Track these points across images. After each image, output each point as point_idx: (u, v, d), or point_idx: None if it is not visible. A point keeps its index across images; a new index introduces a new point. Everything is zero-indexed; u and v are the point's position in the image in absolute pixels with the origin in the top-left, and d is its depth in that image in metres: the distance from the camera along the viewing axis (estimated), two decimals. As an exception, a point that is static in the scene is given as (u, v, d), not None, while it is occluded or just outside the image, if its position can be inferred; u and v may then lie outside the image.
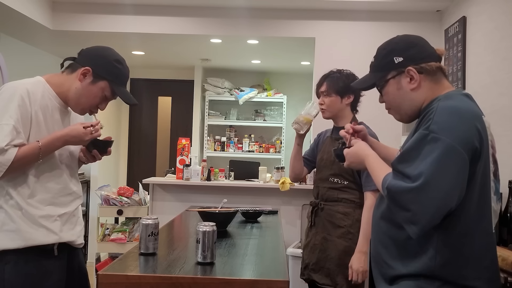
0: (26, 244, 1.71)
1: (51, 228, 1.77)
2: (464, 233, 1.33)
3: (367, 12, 4.35)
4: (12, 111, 1.68)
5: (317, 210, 2.45)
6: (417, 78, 1.44)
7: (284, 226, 2.65)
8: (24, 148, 1.69)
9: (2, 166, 1.65)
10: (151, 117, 6.78)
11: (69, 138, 1.78)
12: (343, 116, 2.47)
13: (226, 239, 2.13)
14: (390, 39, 1.54)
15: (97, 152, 1.91)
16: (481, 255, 1.35)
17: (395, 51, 1.47)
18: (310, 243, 2.45)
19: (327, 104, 2.46)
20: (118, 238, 4.20)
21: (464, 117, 1.31)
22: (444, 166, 1.25)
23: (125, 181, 6.58)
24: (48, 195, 1.79)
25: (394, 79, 1.47)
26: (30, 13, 4.01)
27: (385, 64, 1.49)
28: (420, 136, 1.31)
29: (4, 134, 1.66)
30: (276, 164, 5.19)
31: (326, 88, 2.45)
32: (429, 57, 1.45)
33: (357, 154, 1.56)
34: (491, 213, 1.37)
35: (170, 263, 1.67)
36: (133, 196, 4.37)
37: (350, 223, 2.33)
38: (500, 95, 3.06)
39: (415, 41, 1.49)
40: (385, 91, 1.51)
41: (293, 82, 6.55)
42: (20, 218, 1.72)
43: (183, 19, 4.45)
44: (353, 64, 3.28)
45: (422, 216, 1.25)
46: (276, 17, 4.43)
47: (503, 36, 3.10)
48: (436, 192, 1.24)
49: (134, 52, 5.56)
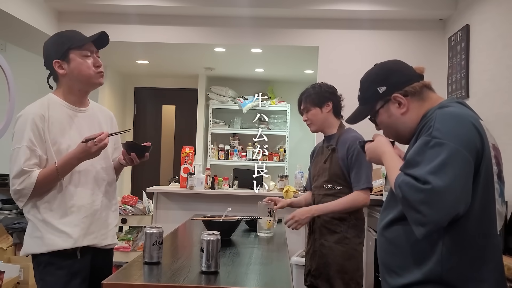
0: (48, 249, 1.86)
1: (70, 234, 1.88)
2: (469, 236, 1.32)
3: (370, 21, 4.37)
4: (26, 134, 1.85)
5: (314, 218, 2.48)
6: (405, 102, 1.46)
7: (288, 235, 2.65)
8: (43, 171, 1.85)
9: (27, 189, 1.83)
10: (155, 125, 6.79)
11: (80, 155, 1.87)
12: (329, 124, 2.54)
13: (230, 248, 2.13)
14: (369, 71, 1.57)
15: (135, 156, 2.01)
16: (487, 258, 1.35)
17: (377, 82, 1.50)
18: (311, 249, 2.51)
19: (310, 118, 2.53)
20: (122, 247, 4.20)
21: (463, 121, 1.32)
22: (452, 169, 1.25)
23: (129, 189, 6.59)
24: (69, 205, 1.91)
25: (383, 108, 1.50)
26: (36, 22, 4.06)
27: (370, 96, 1.51)
28: (423, 142, 1.31)
29: (19, 157, 1.83)
30: (280, 172, 5.19)
31: (304, 105, 2.55)
32: (411, 79, 1.48)
33: (376, 151, 1.56)
34: (495, 215, 1.36)
35: (174, 272, 1.67)
36: (137, 204, 4.37)
37: (346, 228, 2.40)
38: (504, 103, 3.05)
39: (393, 67, 1.52)
40: (378, 121, 1.54)
41: (296, 90, 6.48)
42: (43, 226, 1.87)
43: (187, 28, 4.48)
44: (356, 72, 3.28)
45: (432, 218, 1.25)
46: (279, 26, 4.45)
47: (506, 44, 3.10)
48: (447, 195, 1.24)
49: (138, 61, 5.59)
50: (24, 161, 1.82)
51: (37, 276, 1.91)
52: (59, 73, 1.95)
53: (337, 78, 3.52)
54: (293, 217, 2.37)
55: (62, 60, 1.94)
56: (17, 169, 1.82)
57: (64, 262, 1.88)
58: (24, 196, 1.85)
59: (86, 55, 1.95)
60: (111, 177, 2.11)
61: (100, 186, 2.02)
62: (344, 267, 2.35)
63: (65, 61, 1.93)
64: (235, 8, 4.23)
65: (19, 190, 1.83)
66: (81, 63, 1.94)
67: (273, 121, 6.30)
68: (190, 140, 6.21)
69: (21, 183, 1.82)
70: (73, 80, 1.95)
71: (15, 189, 1.83)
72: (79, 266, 1.92)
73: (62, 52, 1.93)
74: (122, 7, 4.27)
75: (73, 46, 1.93)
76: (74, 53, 1.93)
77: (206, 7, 4.23)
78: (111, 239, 2.06)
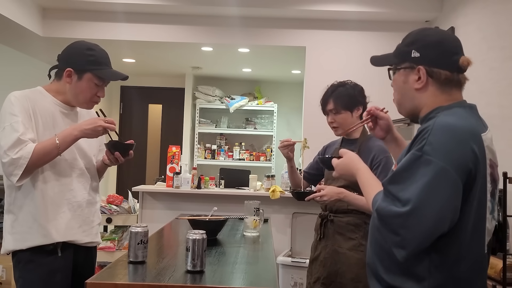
0: (28, 245, 1.83)
1: (49, 229, 1.86)
2: (457, 257, 1.29)
3: (357, 22, 4.39)
4: (16, 111, 1.81)
5: (326, 222, 2.36)
6: (424, 79, 1.38)
7: (274, 235, 2.64)
8: (41, 142, 1.81)
9: (23, 159, 1.74)
10: (142, 124, 6.75)
11: (84, 125, 1.85)
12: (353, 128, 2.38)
13: (216, 247, 2.12)
14: (426, 28, 1.46)
15: (119, 155, 1.98)
16: (473, 279, 1.32)
17: (417, 44, 1.40)
18: (320, 256, 2.36)
19: (339, 122, 2.35)
20: (107, 246, 4.16)
21: (459, 138, 1.26)
22: (435, 190, 1.21)
23: (114, 189, 6.54)
24: (49, 200, 1.89)
25: (405, 70, 1.42)
26: (20, 19, 4.00)
27: (404, 52, 1.43)
28: (413, 157, 1.26)
29: (15, 129, 1.77)
30: (267, 172, 5.19)
31: (334, 106, 2.34)
32: (447, 64, 1.37)
33: (348, 167, 1.55)
34: (485, 235, 1.33)
35: (159, 272, 1.65)
36: (122, 204, 4.33)
37: (362, 234, 2.24)
38: (488, 104, 3.09)
39: (444, 42, 1.40)
40: (394, 78, 1.47)
41: (283, 90, 6.58)
42: (23, 222, 1.85)
43: (174, 27, 4.46)
44: (343, 73, 3.31)
45: (411, 241, 1.23)
46: (267, 26, 4.45)
47: (490, 46, 3.14)
48: (426, 218, 1.21)
49: (125, 60, 5.55)
50: (22, 133, 1.77)
51: (16, 274, 1.88)
52: (65, 79, 1.93)
53: (324, 78, 3.52)
54: (323, 191, 2.16)
55: (75, 73, 1.92)
56: (12, 139, 1.74)
57: (45, 259, 1.86)
58: (20, 168, 1.74)
59: (98, 84, 1.96)
60: (94, 176, 2.09)
61: (82, 183, 2.00)
62: (359, 275, 2.19)
63: (77, 75, 1.92)
64: (223, 8, 4.23)
65: (15, 159, 1.73)
66: (88, 87, 1.94)
67: (260, 121, 6.31)
68: (177, 140, 6.18)
69: (17, 152, 1.74)
70: (70, 91, 1.95)
71: (11, 158, 1.73)
72: (60, 263, 1.90)
73: (82, 68, 1.91)
74: (108, 5, 4.23)
75: (95, 72, 1.93)
76: (90, 77, 1.93)
77: (193, 6, 4.22)
78: (94, 237, 2.04)
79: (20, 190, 1.85)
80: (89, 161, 2.07)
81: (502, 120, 2.90)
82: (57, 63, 1.98)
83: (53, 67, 1.99)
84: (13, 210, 1.87)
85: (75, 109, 2.04)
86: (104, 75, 1.95)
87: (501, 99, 2.95)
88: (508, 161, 2.67)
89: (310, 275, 2.44)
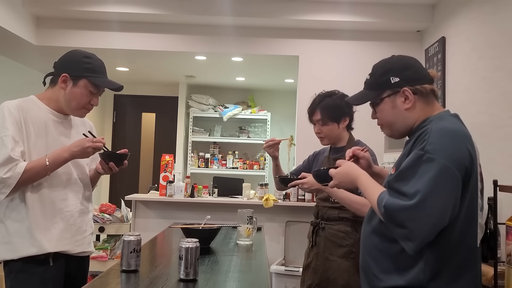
0: (19, 255, 1.83)
1: (41, 239, 1.85)
2: (452, 248, 1.38)
3: (349, 32, 4.44)
4: (7, 124, 1.81)
5: (317, 230, 2.39)
6: (412, 98, 1.49)
7: (267, 243, 2.64)
8: (32, 162, 1.82)
9: (12, 179, 1.76)
10: (135, 133, 6.74)
11: (73, 148, 1.87)
12: (341, 138, 2.41)
13: (209, 256, 2.12)
14: (387, 59, 1.58)
15: (114, 165, 2.00)
16: (467, 269, 1.40)
17: (392, 71, 1.52)
18: (312, 263, 2.39)
19: (325, 133, 2.38)
20: (99, 255, 4.13)
21: (456, 139, 1.37)
22: (439, 185, 1.30)
23: (107, 197, 6.50)
24: (42, 210, 1.88)
25: (389, 98, 1.52)
26: (14, 28, 3.99)
27: (381, 82, 1.53)
28: (416, 156, 1.36)
29: (5, 145, 1.77)
30: (260, 180, 5.19)
31: (321, 117, 2.36)
32: (424, 79, 1.51)
33: (348, 175, 1.60)
34: (477, 229, 1.43)
35: (152, 280, 1.65)
36: (115, 213, 4.31)
37: (352, 242, 2.26)
38: (479, 113, 3.13)
39: (411, 63, 1.54)
40: (380, 108, 1.56)
41: (277, 99, 6.61)
42: (15, 232, 1.83)
43: (168, 36, 4.47)
44: (336, 82, 3.33)
45: (419, 233, 1.31)
46: (260, 35, 4.48)
47: (480, 56, 3.18)
48: (432, 210, 1.30)
49: (118, 69, 5.55)
50: (11, 148, 1.77)
51: (7, 284, 1.87)
52: (60, 85, 1.94)
53: (317, 87, 3.54)
54: (305, 179, 2.18)
55: (71, 79, 1.93)
56: (3, 157, 1.75)
57: (36, 269, 1.85)
58: (8, 187, 1.77)
59: (93, 92, 1.97)
60: (87, 185, 2.09)
61: (75, 192, 2.00)
62: (350, 282, 2.22)
63: (72, 81, 1.93)
64: (216, 17, 4.25)
65: (4, 178, 1.75)
66: (82, 94, 1.95)
67: (253, 129, 6.32)
68: (170, 148, 6.18)
69: (7, 171, 1.75)
70: (64, 97, 1.95)
71: (0, 177, 1.75)
72: (51, 273, 1.88)
73: (77, 74, 1.93)
74: (102, 14, 4.24)
75: (91, 79, 1.94)
76: (85, 83, 1.94)
77: (187, 15, 4.24)
78: (86, 247, 2.03)
79: (12, 200, 1.85)
80: (82, 170, 2.07)
81: (493, 128, 2.93)
82: (52, 71, 1.99)
83: (48, 74, 2.00)
84: (4, 220, 1.86)
85: (69, 117, 2.04)
86: (100, 83, 1.96)
87: (492, 108, 2.99)
88: (498, 169, 2.71)
89: (302, 282, 2.47)
